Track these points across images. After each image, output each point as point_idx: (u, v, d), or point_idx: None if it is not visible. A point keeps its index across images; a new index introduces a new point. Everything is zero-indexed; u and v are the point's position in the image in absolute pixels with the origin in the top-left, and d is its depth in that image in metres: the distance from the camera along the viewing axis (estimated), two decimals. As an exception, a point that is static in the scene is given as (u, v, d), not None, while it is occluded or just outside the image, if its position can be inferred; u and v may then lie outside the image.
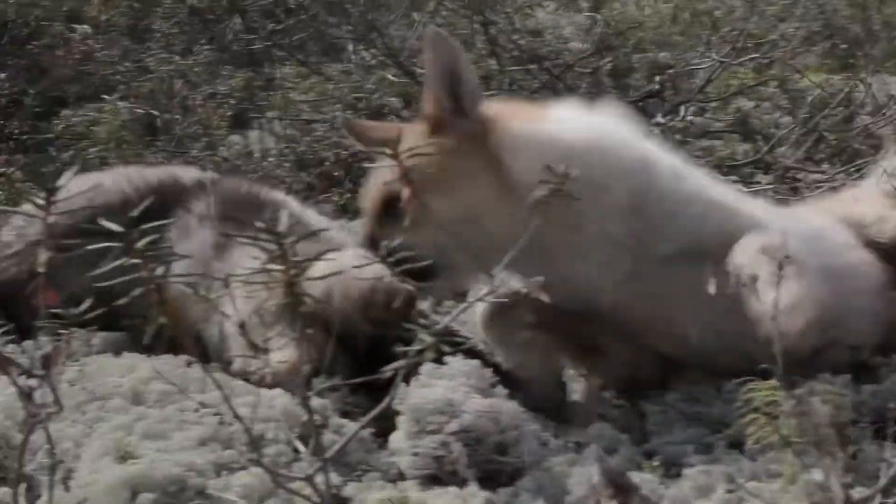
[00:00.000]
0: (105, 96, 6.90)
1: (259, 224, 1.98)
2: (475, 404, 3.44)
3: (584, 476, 2.22)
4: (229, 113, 6.97)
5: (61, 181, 1.88)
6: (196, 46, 8.20)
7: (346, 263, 3.46)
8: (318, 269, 2.67)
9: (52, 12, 8.55)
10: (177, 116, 7.00)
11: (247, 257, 3.89)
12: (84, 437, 3.60)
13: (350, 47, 7.84)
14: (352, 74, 7.31)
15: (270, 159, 6.37)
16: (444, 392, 3.48)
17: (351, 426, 3.76)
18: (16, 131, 7.29)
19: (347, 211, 6.05)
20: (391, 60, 7.32)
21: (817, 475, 2.99)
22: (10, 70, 7.83)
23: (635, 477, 3.22)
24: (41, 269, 1.91)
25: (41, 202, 1.88)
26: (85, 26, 8.29)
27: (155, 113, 7.04)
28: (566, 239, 3.77)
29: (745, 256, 3.58)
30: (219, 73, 7.75)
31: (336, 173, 6.34)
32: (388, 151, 3.01)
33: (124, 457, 3.41)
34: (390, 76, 7.09)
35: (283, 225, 1.92)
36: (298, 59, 7.92)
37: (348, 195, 6.15)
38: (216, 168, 6.23)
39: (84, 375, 3.91)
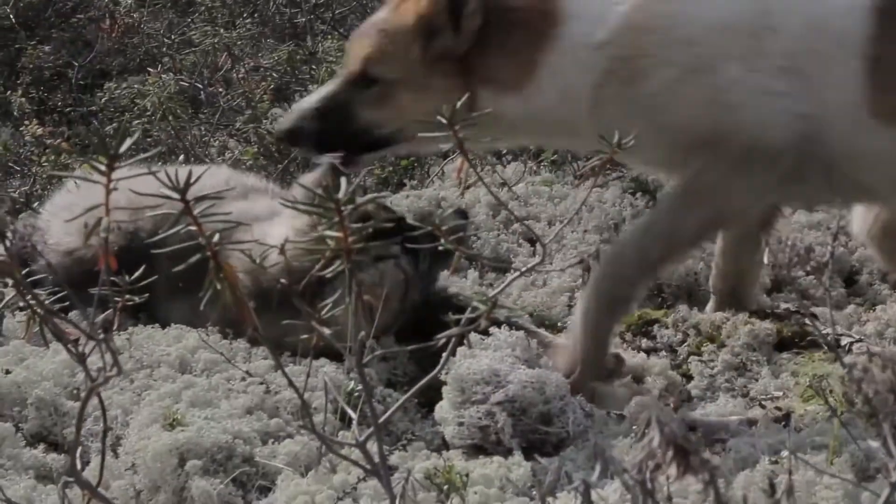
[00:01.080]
0: (150, 69, 6.90)
1: (318, 191, 1.98)
2: (521, 375, 3.45)
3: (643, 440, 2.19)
4: (272, 86, 6.97)
5: (123, 147, 1.88)
6: (239, 20, 8.21)
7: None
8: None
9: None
10: (220, 90, 7.01)
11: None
12: (132, 404, 3.64)
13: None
14: (394, 48, 7.27)
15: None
16: (489, 362, 3.49)
17: (395, 395, 3.79)
18: (59, 104, 7.31)
19: (389, 183, 6.05)
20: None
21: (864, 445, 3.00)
22: (54, 43, 7.85)
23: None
24: (103, 235, 1.92)
25: (103, 168, 1.89)
26: (128, -1, 8.31)
27: (199, 86, 7.05)
28: None
29: None
30: (261, 47, 7.75)
31: (378, 146, 6.32)
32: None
33: (172, 424, 3.44)
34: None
35: (342, 191, 1.92)
36: (340, 33, 7.91)
37: (390, 168, 6.14)
38: (260, 141, 6.25)
39: (132, 344, 3.94)
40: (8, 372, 3.77)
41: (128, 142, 1.90)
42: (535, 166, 5.72)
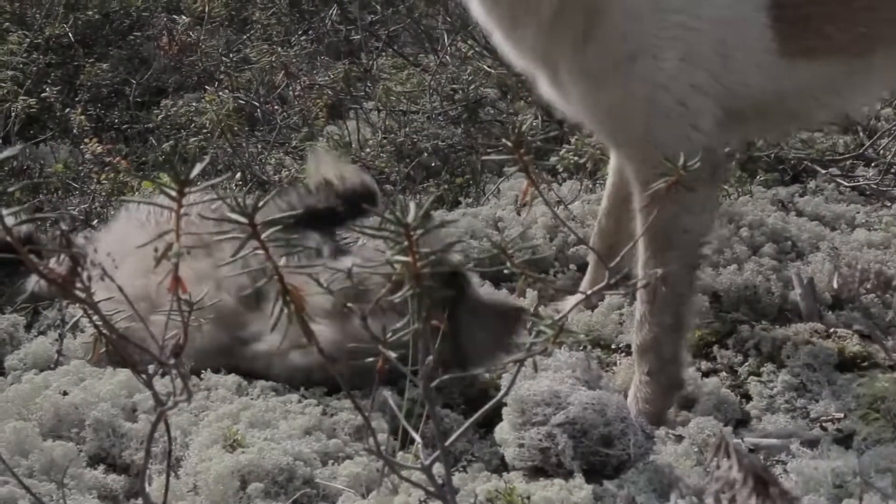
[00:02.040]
0: (206, 87, 6.94)
1: (386, 215, 1.98)
2: (581, 396, 3.44)
3: (720, 468, 2.16)
4: (327, 103, 7.00)
5: (194, 172, 1.89)
6: (294, 37, 8.25)
7: None
8: None
9: (152, 4, 8.65)
10: (276, 107, 7.04)
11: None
12: (191, 425, 3.66)
13: (446, 38, 7.82)
14: (448, 66, 7.29)
15: (368, 150, 6.39)
16: (550, 384, 3.49)
17: (452, 415, 3.79)
18: (116, 121, 7.37)
19: (445, 201, 6.05)
20: (487, 51, 7.30)
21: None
22: (111, 61, 7.92)
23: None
24: (174, 259, 1.92)
25: (174, 194, 1.89)
26: (184, 17, 8.37)
27: (255, 103, 7.08)
28: None
29: None
30: (316, 64, 7.79)
31: (434, 164, 6.34)
32: None
33: (233, 445, 3.46)
34: (486, 67, 7.06)
35: (411, 216, 1.92)
36: (395, 50, 7.94)
37: (445, 186, 6.15)
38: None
39: (188, 366, 3.96)
40: (66, 393, 3.79)
41: (198, 167, 1.91)
42: (591, 184, 5.70)
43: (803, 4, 3.80)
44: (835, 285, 4.64)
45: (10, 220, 1.97)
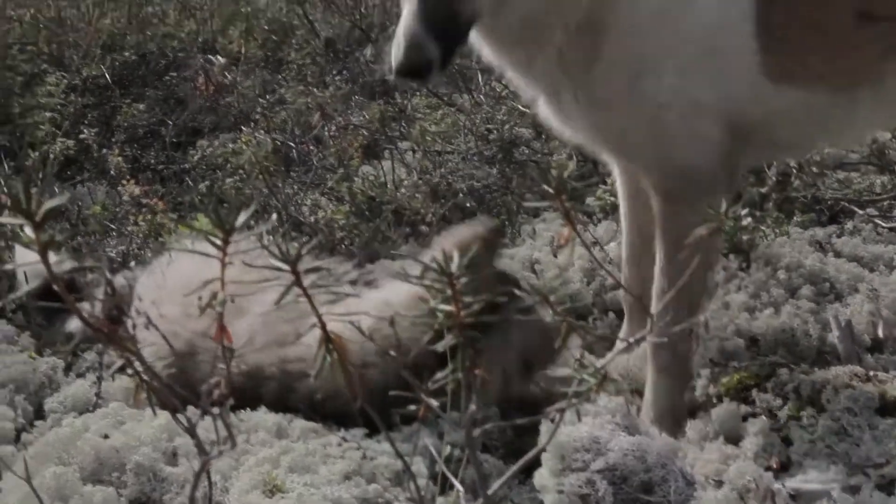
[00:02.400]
0: (242, 127, 6.98)
1: (429, 263, 1.98)
2: (622, 442, 3.42)
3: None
4: (362, 144, 7.01)
5: (239, 220, 1.89)
6: (328, 77, 8.29)
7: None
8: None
9: (188, 45, 8.71)
10: (312, 148, 7.06)
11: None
12: (231, 469, 3.65)
13: (480, 78, 7.84)
14: (482, 105, 7.31)
15: (403, 190, 6.40)
16: (589, 429, 3.46)
17: (492, 460, 3.78)
18: (152, 161, 7.41)
19: (481, 242, 6.05)
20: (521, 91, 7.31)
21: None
22: (148, 101, 7.97)
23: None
24: (219, 309, 1.93)
25: (219, 243, 1.90)
26: (219, 58, 8.42)
27: (291, 144, 7.10)
28: None
29: None
30: (351, 104, 7.81)
31: (469, 204, 6.35)
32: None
33: (273, 490, 3.45)
34: (521, 106, 7.06)
35: (455, 264, 1.91)
36: (429, 90, 7.96)
37: (481, 227, 6.15)
38: (352, 199, 6.27)
39: (228, 410, 3.95)
40: (107, 437, 3.79)
41: (243, 215, 1.91)
42: (628, 225, 5.69)
43: (785, 26, 3.88)
44: (880, 333, 4.61)
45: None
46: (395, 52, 3.54)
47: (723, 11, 3.85)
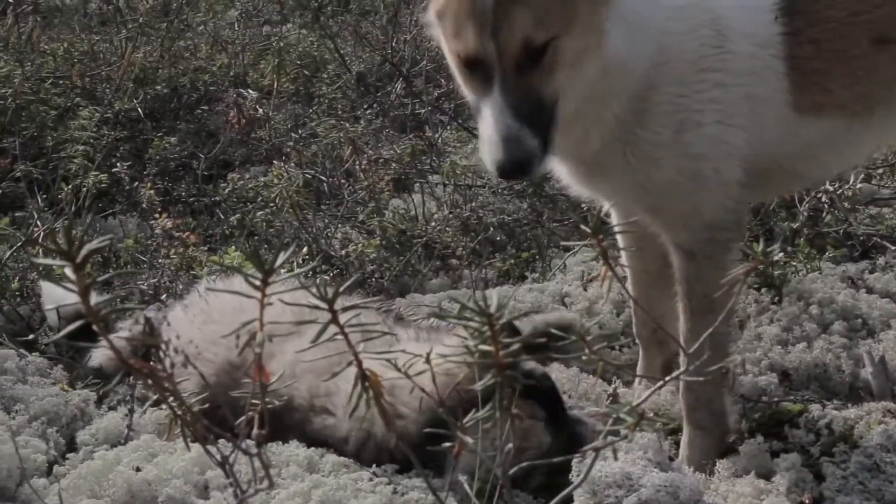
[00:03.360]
0: (275, 161, 7.00)
1: (469, 304, 1.98)
2: (654, 478, 3.41)
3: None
4: (393, 177, 7.03)
5: (278, 262, 1.90)
6: (360, 111, 8.31)
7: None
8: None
9: (220, 78, 8.76)
10: (343, 181, 7.08)
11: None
12: (263, 503, 3.65)
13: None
14: (513, 139, 7.28)
15: (434, 224, 6.41)
16: (621, 465, 3.46)
17: (522, 495, 3.77)
18: (184, 194, 7.44)
19: (511, 276, 6.06)
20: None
21: None
22: (179, 134, 8.01)
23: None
24: (258, 350, 1.93)
25: (258, 283, 1.90)
26: (250, 91, 8.46)
27: (322, 178, 7.13)
28: None
29: None
30: (381, 138, 7.83)
31: (499, 238, 6.35)
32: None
33: (304, 524, 3.45)
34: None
35: (494, 306, 1.92)
36: (459, 123, 7.97)
37: (511, 261, 6.16)
38: (382, 233, 6.29)
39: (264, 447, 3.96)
40: (139, 469, 3.80)
41: (282, 256, 1.92)
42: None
43: (811, 58, 3.94)
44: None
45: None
46: (491, 152, 3.43)
47: (757, 55, 3.90)
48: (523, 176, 3.88)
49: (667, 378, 2.36)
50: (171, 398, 2.26)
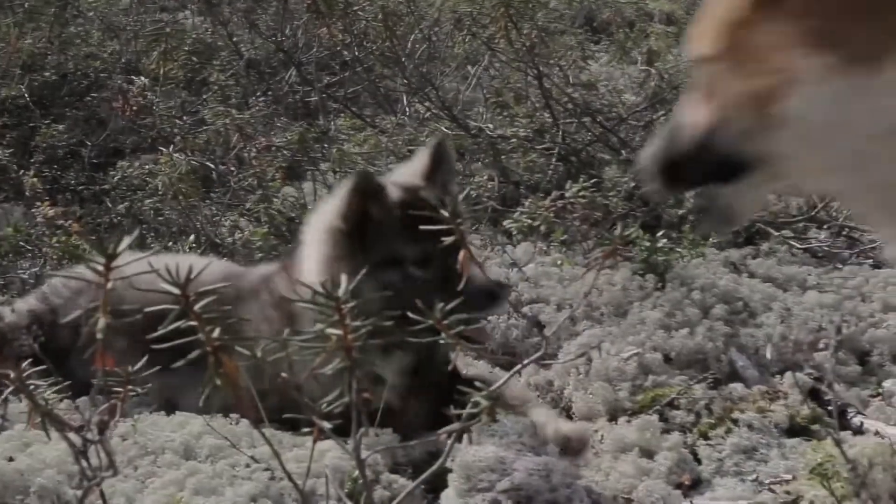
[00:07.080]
0: (162, 148, 6.92)
1: (319, 288, 1.98)
2: (527, 462, 3.43)
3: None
4: (283, 165, 6.98)
5: (120, 248, 1.88)
6: (251, 99, 8.25)
7: None
8: None
9: (111, 65, 8.64)
10: (232, 168, 7.03)
11: None
12: (136, 492, 3.61)
13: (404, 100, 7.85)
14: (406, 127, 7.30)
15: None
16: (495, 450, 3.48)
17: (401, 482, 3.77)
18: (72, 182, 7.35)
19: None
20: (445, 113, 7.33)
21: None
22: (68, 122, 7.90)
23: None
24: (100, 335, 1.91)
25: (100, 268, 1.88)
26: (142, 78, 8.35)
27: (210, 165, 7.07)
28: None
29: None
30: (273, 126, 7.78)
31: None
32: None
33: (178, 513, 3.43)
34: (444, 128, 7.08)
35: (342, 290, 1.92)
36: (353, 112, 7.95)
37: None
38: (270, 221, 6.26)
39: (136, 430, 3.92)
40: (11, 459, 3.74)
41: (126, 241, 1.90)
42: (546, 247, 5.72)
43: None
44: (768, 355, 4.66)
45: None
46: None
47: None
48: (664, 182, 3.15)
49: (525, 362, 2.35)
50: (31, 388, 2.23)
